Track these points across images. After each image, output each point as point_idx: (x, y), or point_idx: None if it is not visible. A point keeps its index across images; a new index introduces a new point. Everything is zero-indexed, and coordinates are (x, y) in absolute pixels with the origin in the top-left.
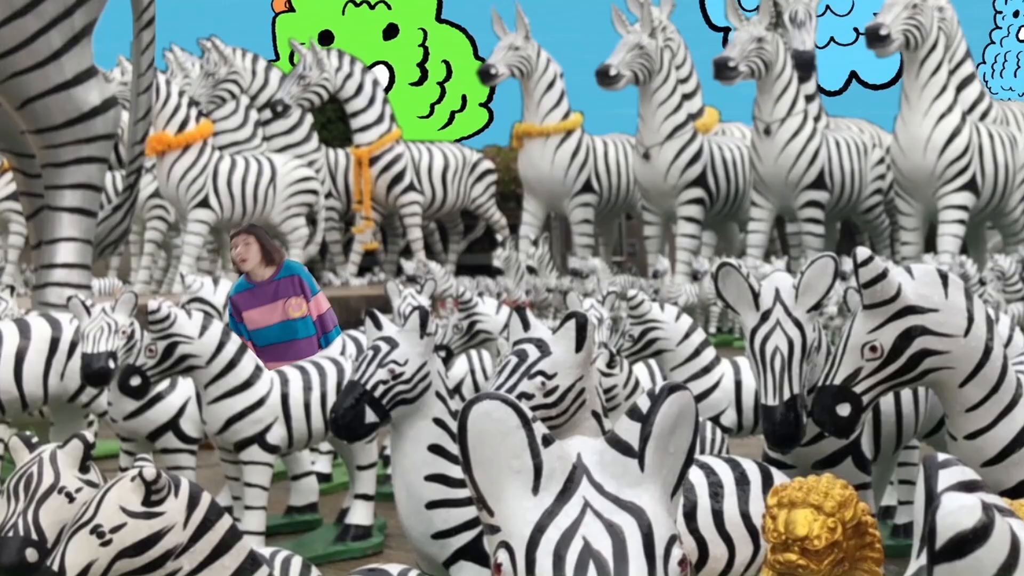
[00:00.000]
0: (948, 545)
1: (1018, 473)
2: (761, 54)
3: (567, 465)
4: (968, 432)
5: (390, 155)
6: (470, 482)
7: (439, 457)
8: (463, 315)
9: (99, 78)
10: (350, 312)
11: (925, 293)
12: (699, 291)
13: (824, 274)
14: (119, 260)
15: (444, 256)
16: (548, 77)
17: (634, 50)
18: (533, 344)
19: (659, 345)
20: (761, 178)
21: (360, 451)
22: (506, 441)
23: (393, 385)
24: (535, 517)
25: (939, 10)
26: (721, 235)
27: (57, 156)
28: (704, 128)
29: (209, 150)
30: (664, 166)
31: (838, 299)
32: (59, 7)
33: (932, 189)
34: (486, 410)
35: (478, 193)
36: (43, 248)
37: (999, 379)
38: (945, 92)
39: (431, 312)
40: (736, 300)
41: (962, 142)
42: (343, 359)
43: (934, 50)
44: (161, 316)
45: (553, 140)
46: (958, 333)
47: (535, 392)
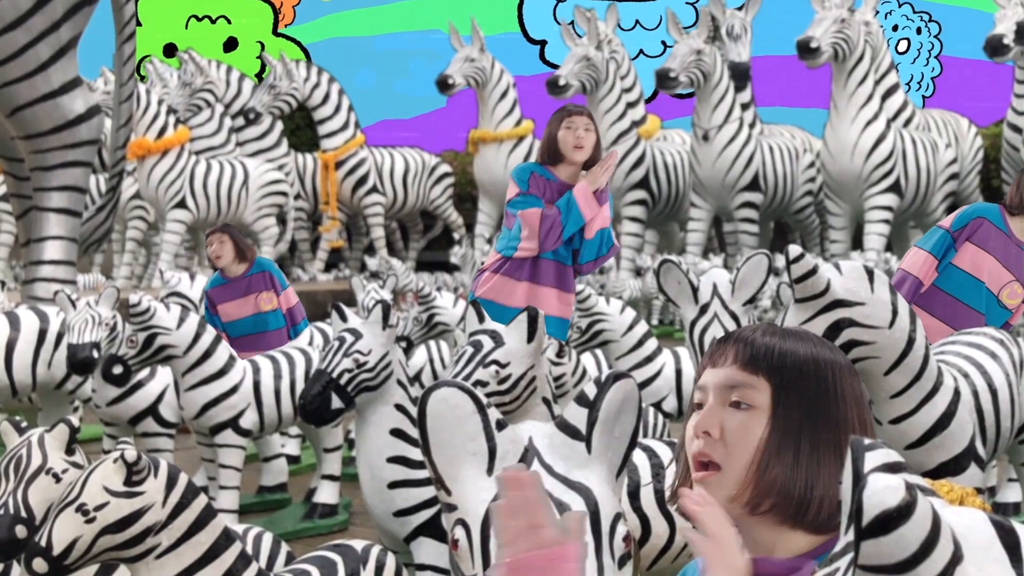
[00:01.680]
0: (874, 522)
1: (939, 455)
2: (700, 65)
3: (519, 448)
4: (893, 417)
5: (355, 159)
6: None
7: (400, 440)
8: (422, 308)
9: (84, 88)
10: (317, 305)
11: (852, 288)
12: (642, 286)
13: (758, 270)
14: (102, 257)
15: (405, 253)
16: (501, 87)
17: (582, 61)
18: (488, 335)
19: (605, 336)
20: (700, 181)
21: (327, 435)
22: (462, 425)
23: (357, 373)
24: (489, 496)
25: (866, 24)
26: (662, 234)
27: (44, 160)
28: (646, 134)
29: (186, 155)
30: None
31: (771, 293)
32: (46, 22)
33: (859, 191)
34: (444, 396)
35: (436, 195)
36: (32, 246)
37: (921, 368)
38: (871, 101)
39: (393, 305)
40: (677, 294)
41: (887, 147)
42: (311, 349)
43: (861, 61)
44: (141, 309)
45: (506, 145)
46: (883, 325)
47: (489, 380)
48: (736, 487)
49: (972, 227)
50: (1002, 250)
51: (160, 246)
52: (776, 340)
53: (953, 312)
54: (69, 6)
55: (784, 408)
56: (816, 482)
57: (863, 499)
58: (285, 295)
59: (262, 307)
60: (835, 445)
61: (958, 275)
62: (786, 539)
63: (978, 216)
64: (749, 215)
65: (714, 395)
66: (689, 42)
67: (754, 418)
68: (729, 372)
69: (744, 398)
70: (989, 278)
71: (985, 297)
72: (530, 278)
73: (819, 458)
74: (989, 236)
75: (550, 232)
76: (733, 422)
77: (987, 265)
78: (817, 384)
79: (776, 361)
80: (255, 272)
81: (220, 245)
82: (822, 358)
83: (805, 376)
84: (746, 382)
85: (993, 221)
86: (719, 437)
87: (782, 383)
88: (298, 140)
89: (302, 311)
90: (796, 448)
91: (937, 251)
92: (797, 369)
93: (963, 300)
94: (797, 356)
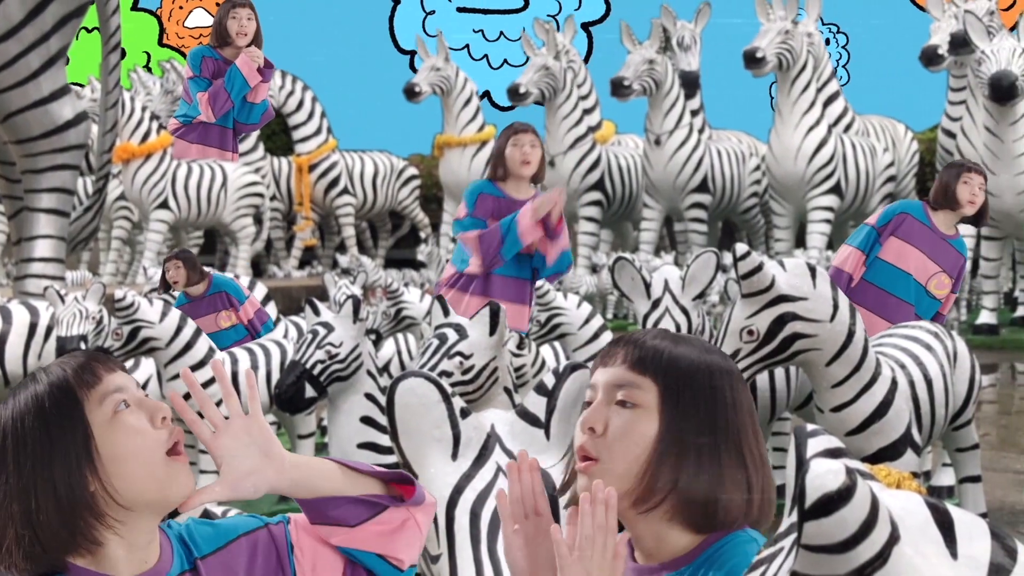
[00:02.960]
0: (816, 505)
1: (877, 441)
2: (652, 74)
3: (482, 434)
4: (834, 405)
5: (327, 163)
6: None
7: (370, 427)
8: (391, 303)
9: (72, 95)
10: (292, 300)
11: (796, 283)
12: (598, 282)
13: (707, 267)
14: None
15: (374, 251)
16: (465, 94)
17: (540, 71)
18: (452, 328)
19: (563, 329)
20: (652, 183)
21: (301, 422)
22: (429, 413)
23: (329, 364)
24: (454, 480)
25: (808, 35)
26: (617, 233)
27: (35, 164)
28: (602, 139)
29: (168, 158)
30: (567, 172)
31: (719, 289)
32: (37, 33)
33: (802, 193)
34: (411, 386)
35: (404, 196)
36: (23, 244)
37: (860, 359)
38: (813, 107)
39: (363, 300)
40: (630, 290)
41: (828, 151)
42: (285, 341)
43: (804, 70)
44: (126, 304)
45: (470, 149)
46: (824, 319)
47: (454, 370)
48: (619, 482)
49: (896, 222)
50: (928, 243)
51: (144, 244)
52: (666, 344)
53: (883, 303)
54: (58, 18)
55: (673, 410)
56: (717, 485)
57: (806, 483)
58: (243, 309)
59: (221, 325)
60: (735, 450)
61: (885, 268)
62: (671, 537)
63: (901, 212)
64: (698, 215)
65: (602, 393)
66: (642, 52)
67: (640, 417)
68: (617, 372)
69: (630, 397)
70: (916, 270)
71: (914, 288)
72: (483, 292)
73: (720, 462)
74: (913, 230)
75: (488, 251)
76: (618, 420)
77: (913, 258)
78: (709, 389)
79: (664, 364)
80: (213, 292)
81: (176, 271)
82: (713, 364)
83: (694, 380)
84: (633, 382)
85: (916, 216)
86: (602, 433)
87: (669, 385)
88: (273, 145)
89: (264, 316)
90: (696, 451)
91: (864, 246)
92: (685, 373)
93: (892, 292)
94: (686, 360)
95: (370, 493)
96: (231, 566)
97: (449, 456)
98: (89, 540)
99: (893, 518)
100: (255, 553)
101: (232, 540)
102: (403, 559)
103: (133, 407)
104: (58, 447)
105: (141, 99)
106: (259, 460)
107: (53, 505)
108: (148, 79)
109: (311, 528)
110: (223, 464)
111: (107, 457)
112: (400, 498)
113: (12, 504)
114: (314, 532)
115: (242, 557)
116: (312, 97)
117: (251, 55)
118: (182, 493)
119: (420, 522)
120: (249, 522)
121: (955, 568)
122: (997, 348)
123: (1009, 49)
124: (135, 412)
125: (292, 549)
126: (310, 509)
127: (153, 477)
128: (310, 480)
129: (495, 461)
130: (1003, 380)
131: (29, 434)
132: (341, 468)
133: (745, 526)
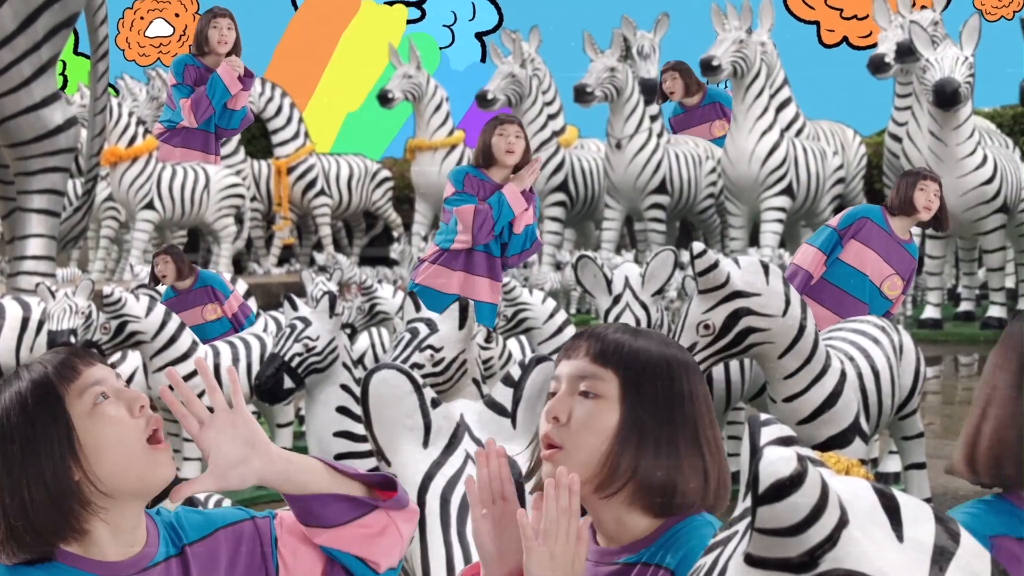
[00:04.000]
0: (769, 491)
1: (827, 430)
2: (613, 81)
3: (452, 423)
4: (786, 396)
5: (304, 165)
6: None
7: (345, 417)
8: (365, 299)
9: (62, 101)
10: (271, 296)
11: (750, 280)
12: (562, 279)
13: (666, 264)
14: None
15: (349, 249)
16: (436, 100)
17: (508, 78)
18: (423, 323)
19: (528, 323)
20: (613, 184)
21: (280, 412)
22: (401, 403)
23: (307, 357)
24: (425, 467)
25: (762, 44)
26: (580, 232)
27: (27, 166)
28: (566, 143)
29: (154, 161)
30: None
31: (677, 285)
32: (29, 42)
33: (755, 194)
34: (384, 378)
35: (377, 197)
36: (15, 243)
37: (811, 352)
38: (767, 113)
39: (338, 296)
40: (592, 286)
41: (780, 155)
42: (265, 335)
43: (757, 78)
44: (114, 299)
45: (440, 152)
46: (777, 314)
47: (425, 363)
48: (582, 468)
49: (857, 226)
50: (884, 247)
51: (131, 243)
52: (627, 338)
53: (839, 302)
54: (49, 28)
55: (633, 400)
56: (675, 471)
57: (759, 469)
58: (228, 303)
59: (207, 317)
60: (692, 438)
61: (844, 269)
62: (631, 521)
63: (862, 216)
64: (657, 215)
65: (566, 384)
66: (604, 60)
67: (601, 407)
68: (580, 364)
69: (592, 388)
70: (872, 272)
71: (869, 289)
72: (465, 268)
73: (678, 450)
74: (872, 234)
75: (483, 226)
76: (581, 410)
77: (870, 260)
78: (667, 381)
79: (625, 356)
80: (199, 287)
81: (164, 265)
82: (672, 357)
83: (654, 372)
84: (595, 374)
85: (876, 221)
86: (566, 422)
87: (629, 376)
88: (254, 148)
89: (248, 310)
90: (655, 439)
91: (825, 247)
92: (645, 365)
93: (848, 291)
94: (646, 353)
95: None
96: (215, 554)
97: (420, 444)
98: (77, 527)
99: (842, 503)
100: (239, 544)
101: (218, 529)
102: (380, 563)
103: (112, 398)
104: (43, 441)
105: (128, 105)
106: (245, 451)
107: (43, 496)
108: (135, 86)
109: (296, 527)
110: (210, 456)
111: (89, 447)
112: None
113: (5, 497)
114: (298, 531)
115: (226, 547)
116: (290, 103)
117: (232, 64)
118: (164, 479)
119: (402, 531)
120: (236, 513)
121: (901, 550)
122: (941, 342)
123: (952, 58)
124: (114, 403)
125: (276, 543)
126: (296, 504)
127: (134, 465)
128: (296, 474)
129: (464, 449)
130: (946, 372)
131: (15, 430)
132: (326, 467)
133: (702, 510)
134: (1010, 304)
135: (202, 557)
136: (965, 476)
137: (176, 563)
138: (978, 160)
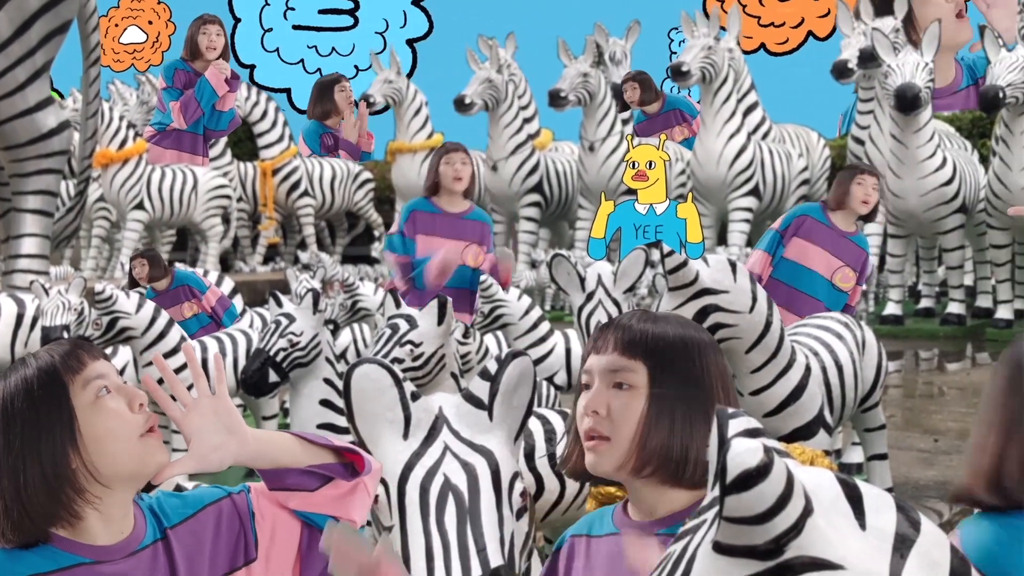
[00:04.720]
0: (736, 480)
1: (792, 422)
2: (586, 86)
3: (431, 416)
4: (752, 389)
5: (289, 167)
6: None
7: (328, 409)
8: (347, 296)
9: (55, 105)
10: (256, 293)
11: (718, 278)
12: (537, 276)
13: (637, 263)
14: (71, 251)
15: (332, 248)
16: (415, 105)
17: (484, 83)
18: (403, 319)
19: (504, 320)
20: (586, 186)
21: (265, 405)
22: (382, 397)
23: (291, 352)
24: (405, 458)
25: (729, 51)
26: (554, 231)
27: (22, 168)
28: (540, 145)
29: (144, 163)
30: (508, 176)
31: (648, 283)
32: (23, 48)
33: (723, 195)
34: (365, 372)
35: (359, 198)
36: (10, 242)
37: (777, 347)
38: (734, 116)
39: (322, 293)
40: (566, 283)
41: (748, 157)
42: (251, 331)
43: (725, 83)
44: (105, 296)
45: (419, 155)
46: (744, 310)
47: (405, 357)
48: (623, 456)
49: (796, 224)
50: (828, 241)
51: (121, 242)
52: (650, 326)
53: (792, 299)
54: (43, 35)
55: (659, 385)
56: (691, 445)
57: (727, 460)
58: (205, 298)
59: (186, 314)
60: (704, 413)
61: (791, 266)
62: (668, 497)
63: (801, 215)
64: None
65: (599, 378)
66: (577, 66)
67: (634, 396)
68: (611, 358)
69: (625, 380)
70: (820, 266)
71: (820, 283)
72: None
73: (692, 425)
74: (813, 230)
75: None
76: (617, 402)
77: (815, 255)
78: (686, 361)
79: (651, 345)
80: (176, 286)
81: (141, 268)
82: (690, 338)
83: (676, 355)
84: (626, 366)
85: (815, 217)
86: (606, 415)
87: (656, 364)
88: (240, 151)
89: (226, 303)
90: (671, 418)
91: (769, 248)
92: (669, 350)
93: (799, 288)
94: (668, 338)
95: (324, 462)
96: (199, 534)
97: (400, 436)
98: (70, 513)
99: (807, 492)
100: (220, 521)
101: (199, 510)
102: (356, 520)
103: (113, 393)
104: (45, 427)
105: (119, 109)
106: (224, 436)
107: (40, 480)
108: (125, 90)
109: (270, 494)
110: (192, 440)
111: (89, 437)
112: (351, 465)
113: (2, 479)
114: (273, 498)
115: (208, 525)
116: (276, 107)
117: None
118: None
119: (368, 486)
120: (214, 492)
121: (864, 538)
122: (902, 337)
123: (913, 63)
124: (115, 397)
125: (254, 516)
126: (270, 478)
127: (129, 456)
128: (270, 452)
129: (442, 440)
130: (907, 366)
131: (19, 414)
132: (298, 440)
133: None
134: (968, 301)
135: (185, 538)
136: (987, 500)
137: (162, 546)
138: (938, 162)
